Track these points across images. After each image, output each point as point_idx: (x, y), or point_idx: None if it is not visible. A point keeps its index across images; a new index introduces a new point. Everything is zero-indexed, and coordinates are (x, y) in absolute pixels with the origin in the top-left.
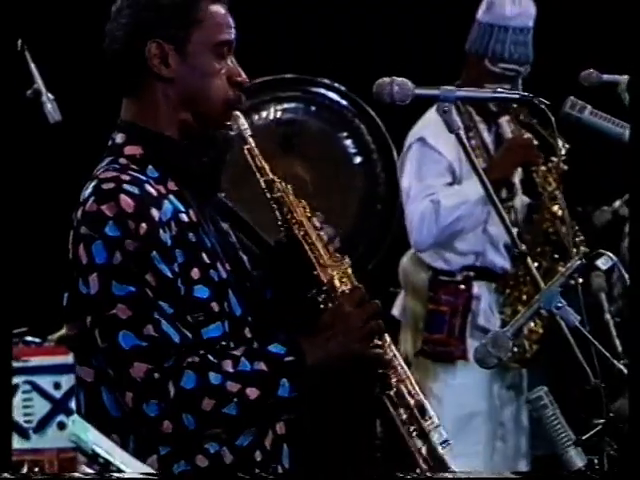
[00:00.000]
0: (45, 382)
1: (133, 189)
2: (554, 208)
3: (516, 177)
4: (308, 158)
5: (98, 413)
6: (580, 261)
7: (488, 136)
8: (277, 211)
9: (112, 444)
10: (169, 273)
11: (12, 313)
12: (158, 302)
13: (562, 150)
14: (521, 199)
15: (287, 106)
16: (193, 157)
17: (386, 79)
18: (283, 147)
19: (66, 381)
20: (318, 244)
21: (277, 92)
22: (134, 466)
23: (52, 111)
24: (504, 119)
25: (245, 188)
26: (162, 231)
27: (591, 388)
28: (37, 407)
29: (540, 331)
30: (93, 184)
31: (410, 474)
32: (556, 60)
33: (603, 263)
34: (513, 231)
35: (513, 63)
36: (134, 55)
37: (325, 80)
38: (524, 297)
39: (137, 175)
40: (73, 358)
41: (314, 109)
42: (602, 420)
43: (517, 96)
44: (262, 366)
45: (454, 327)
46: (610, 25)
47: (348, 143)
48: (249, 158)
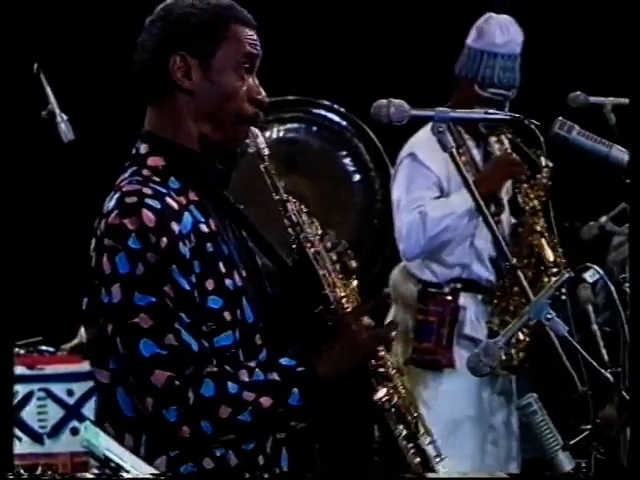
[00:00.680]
0: (58, 389)
1: (155, 203)
2: (535, 223)
3: (504, 194)
4: (310, 175)
5: (113, 413)
6: (568, 274)
7: (477, 154)
8: (290, 228)
9: (123, 449)
10: (187, 285)
11: (14, 316)
12: (178, 312)
13: (545, 167)
14: (508, 215)
15: (290, 126)
16: (212, 168)
17: (383, 101)
18: (286, 165)
19: (79, 388)
20: (328, 263)
21: (280, 113)
22: (144, 470)
23: (66, 130)
24: (493, 139)
25: (253, 206)
26: (182, 244)
27: (579, 395)
28: (51, 413)
29: (527, 340)
30: (117, 196)
31: (409, 474)
32: (545, 83)
33: (590, 276)
34: (503, 244)
35: (501, 88)
36: (159, 66)
37: (325, 102)
38: (511, 307)
39: (158, 188)
40: (90, 360)
41: (315, 129)
42: (589, 426)
43: (509, 117)
44: (275, 376)
45: (442, 336)
46: (596, 50)
47: (347, 161)
48: (265, 176)
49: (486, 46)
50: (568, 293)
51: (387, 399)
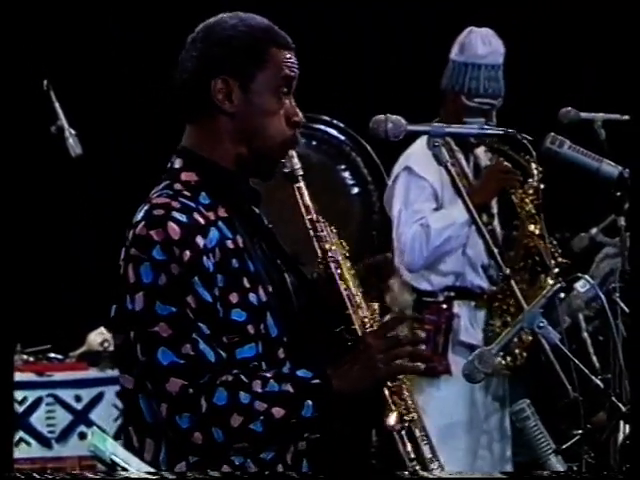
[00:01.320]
0: (67, 395)
1: (181, 217)
2: (531, 227)
3: (493, 202)
4: (309, 188)
5: (136, 419)
6: (560, 284)
7: (466, 165)
8: (318, 248)
9: (128, 453)
10: (209, 297)
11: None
12: (197, 323)
13: (536, 172)
14: (498, 223)
15: None
16: (245, 186)
17: (381, 116)
18: (287, 178)
19: (86, 394)
20: (352, 285)
21: None
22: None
23: (74, 145)
24: (481, 149)
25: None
26: (205, 258)
27: (570, 401)
28: (59, 418)
29: (529, 339)
30: (146, 208)
31: (409, 474)
32: (538, 99)
33: (581, 286)
34: (497, 254)
35: (488, 97)
36: (200, 87)
37: (325, 117)
38: (511, 309)
39: (188, 202)
40: (117, 366)
41: (315, 143)
42: (580, 431)
43: (502, 132)
44: (289, 388)
45: (438, 344)
46: (590, 66)
47: (346, 175)
48: (298, 196)
49: (470, 58)
50: (559, 302)
51: (398, 422)
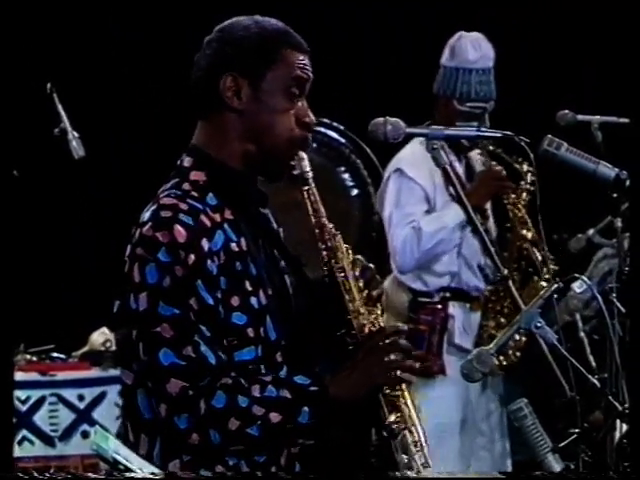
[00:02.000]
0: (70, 394)
1: (188, 220)
2: (524, 232)
3: (487, 203)
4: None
5: (133, 414)
6: (557, 285)
7: (459, 167)
8: (324, 252)
9: (130, 452)
10: (211, 300)
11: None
12: (199, 325)
13: (529, 174)
14: (492, 223)
15: None
16: (252, 187)
17: (380, 119)
18: (287, 179)
19: (89, 393)
20: (355, 291)
21: None
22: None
23: (77, 147)
24: (474, 152)
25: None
26: (209, 261)
27: (567, 400)
28: (62, 417)
29: (524, 339)
30: (153, 208)
31: (408, 474)
32: (535, 102)
33: (578, 286)
34: (495, 256)
35: (479, 101)
36: (211, 84)
37: (325, 120)
38: (505, 310)
39: (195, 204)
40: (118, 361)
41: (315, 146)
42: (577, 429)
43: (500, 134)
44: (286, 393)
45: (432, 344)
46: (588, 68)
47: (346, 177)
48: (307, 200)
49: (461, 63)
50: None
51: (396, 427)
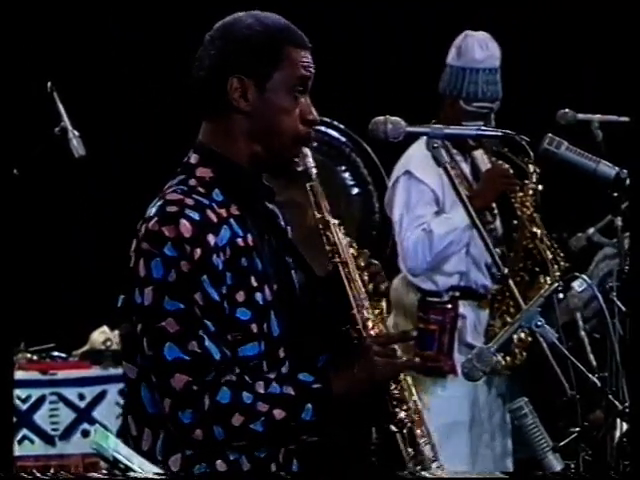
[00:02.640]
0: (70, 393)
1: (194, 215)
2: (533, 229)
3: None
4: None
5: (136, 408)
6: (557, 284)
7: (465, 167)
8: (328, 247)
9: (131, 451)
10: (216, 295)
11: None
12: (204, 321)
13: (534, 173)
14: (500, 222)
15: None
16: (258, 183)
17: (380, 118)
18: (288, 178)
19: (89, 392)
20: (359, 285)
21: None
22: (151, 471)
23: (77, 146)
24: (479, 152)
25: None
26: (215, 256)
27: (568, 399)
28: (63, 416)
29: (529, 339)
30: (159, 204)
31: (409, 474)
32: (537, 100)
33: (579, 285)
34: (496, 256)
35: (486, 101)
36: (216, 85)
37: (325, 118)
38: (511, 309)
39: (201, 199)
40: (121, 355)
41: (315, 144)
42: (578, 428)
43: (501, 133)
44: (290, 390)
45: (443, 344)
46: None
47: (346, 176)
48: (310, 195)
49: (467, 63)
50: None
51: (403, 422)
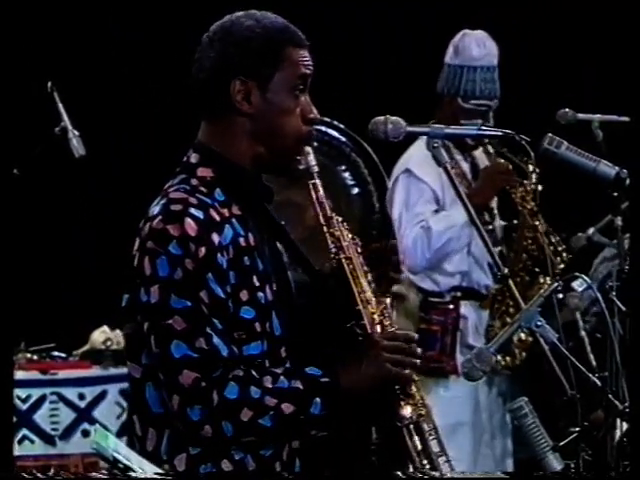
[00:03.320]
0: (70, 393)
1: (198, 213)
2: (534, 222)
3: (493, 202)
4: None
5: (141, 407)
6: (557, 283)
7: (465, 166)
8: (332, 244)
9: (130, 450)
10: (222, 293)
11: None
12: (211, 318)
13: (534, 173)
14: (499, 221)
15: None
16: (258, 184)
17: (381, 118)
18: (288, 178)
19: (90, 392)
20: (363, 281)
21: None
22: (151, 471)
23: (77, 146)
24: (479, 151)
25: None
26: (219, 255)
27: (568, 399)
28: (63, 416)
29: (529, 339)
30: (163, 202)
31: (409, 474)
32: (537, 99)
33: (578, 285)
34: (496, 255)
35: (484, 99)
36: (218, 87)
37: (325, 118)
38: (511, 310)
39: (204, 199)
40: (125, 354)
41: (315, 144)
42: (578, 428)
43: (501, 133)
44: (298, 384)
45: (446, 345)
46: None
47: (346, 175)
48: (312, 193)
49: (465, 61)
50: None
51: (410, 416)
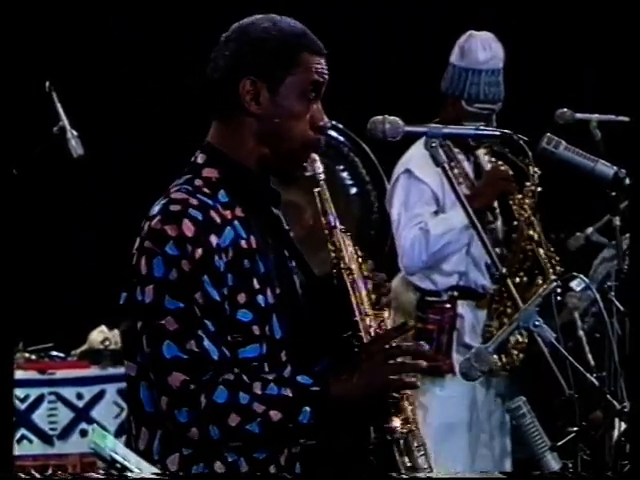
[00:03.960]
0: (69, 393)
1: (197, 214)
2: (530, 232)
3: (495, 202)
4: (308, 189)
5: (134, 406)
6: (556, 283)
7: (468, 166)
8: (333, 253)
9: (128, 450)
10: (217, 296)
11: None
12: (203, 320)
13: (535, 175)
14: (501, 222)
15: None
16: (265, 186)
17: (379, 117)
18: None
19: (88, 392)
20: (363, 292)
21: None
22: (149, 471)
23: (76, 146)
24: (481, 151)
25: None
26: (217, 257)
27: (566, 399)
28: (61, 416)
29: (525, 341)
30: (163, 202)
31: (406, 474)
32: (537, 100)
33: (577, 285)
34: (494, 256)
35: (487, 102)
36: (229, 86)
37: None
38: (509, 310)
39: (205, 200)
40: (122, 352)
41: None
42: (576, 428)
43: (499, 133)
44: (288, 392)
45: (441, 344)
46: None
47: (345, 175)
48: (317, 200)
49: (470, 64)
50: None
51: (399, 430)
